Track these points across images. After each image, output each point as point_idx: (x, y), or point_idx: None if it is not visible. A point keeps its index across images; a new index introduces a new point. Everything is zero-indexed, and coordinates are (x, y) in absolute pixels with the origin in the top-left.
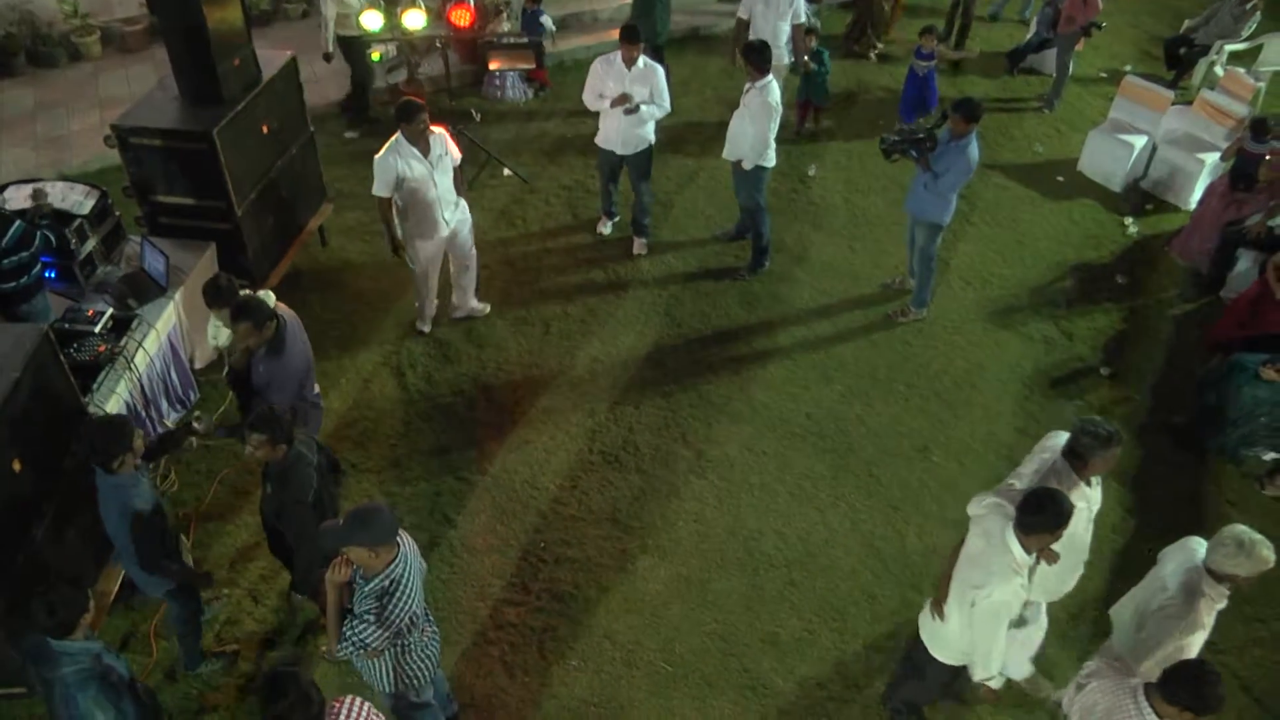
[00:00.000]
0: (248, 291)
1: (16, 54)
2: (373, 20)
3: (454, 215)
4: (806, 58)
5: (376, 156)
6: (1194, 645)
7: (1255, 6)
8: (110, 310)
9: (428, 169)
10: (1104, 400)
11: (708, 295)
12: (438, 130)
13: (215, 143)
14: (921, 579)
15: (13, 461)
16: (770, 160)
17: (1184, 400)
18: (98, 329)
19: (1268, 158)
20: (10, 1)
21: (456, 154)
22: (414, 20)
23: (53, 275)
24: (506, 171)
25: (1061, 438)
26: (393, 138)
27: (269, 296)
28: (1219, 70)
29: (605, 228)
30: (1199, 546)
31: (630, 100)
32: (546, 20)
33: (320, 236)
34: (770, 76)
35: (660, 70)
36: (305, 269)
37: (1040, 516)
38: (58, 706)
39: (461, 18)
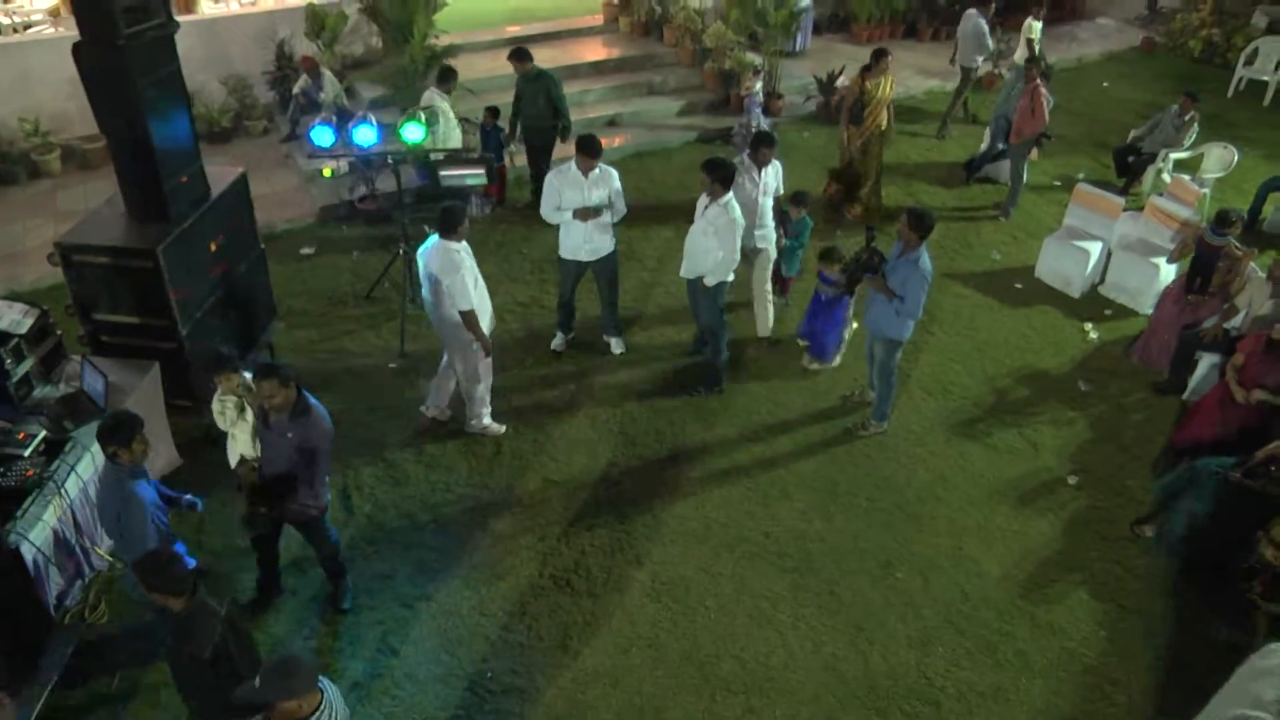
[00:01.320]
0: None
1: None
2: (323, 137)
3: None
4: (781, 230)
5: (456, 276)
6: None
7: (1193, 119)
8: (43, 433)
9: (473, 260)
10: (1073, 510)
11: (664, 413)
12: None
13: (159, 260)
14: (887, 703)
15: None
16: (731, 276)
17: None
18: (27, 452)
19: (1220, 264)
20: None
21: None
22: (364, 136)
23: None
24: None
25: None
26: (445, 250)
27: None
28: (1166, 178)
29: (559, 344)
30: None
31: (594, 211)
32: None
33: (270, 354)
34: (731, 194)
35: (615, 173)
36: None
37: None
38: None
39: (414, 134)
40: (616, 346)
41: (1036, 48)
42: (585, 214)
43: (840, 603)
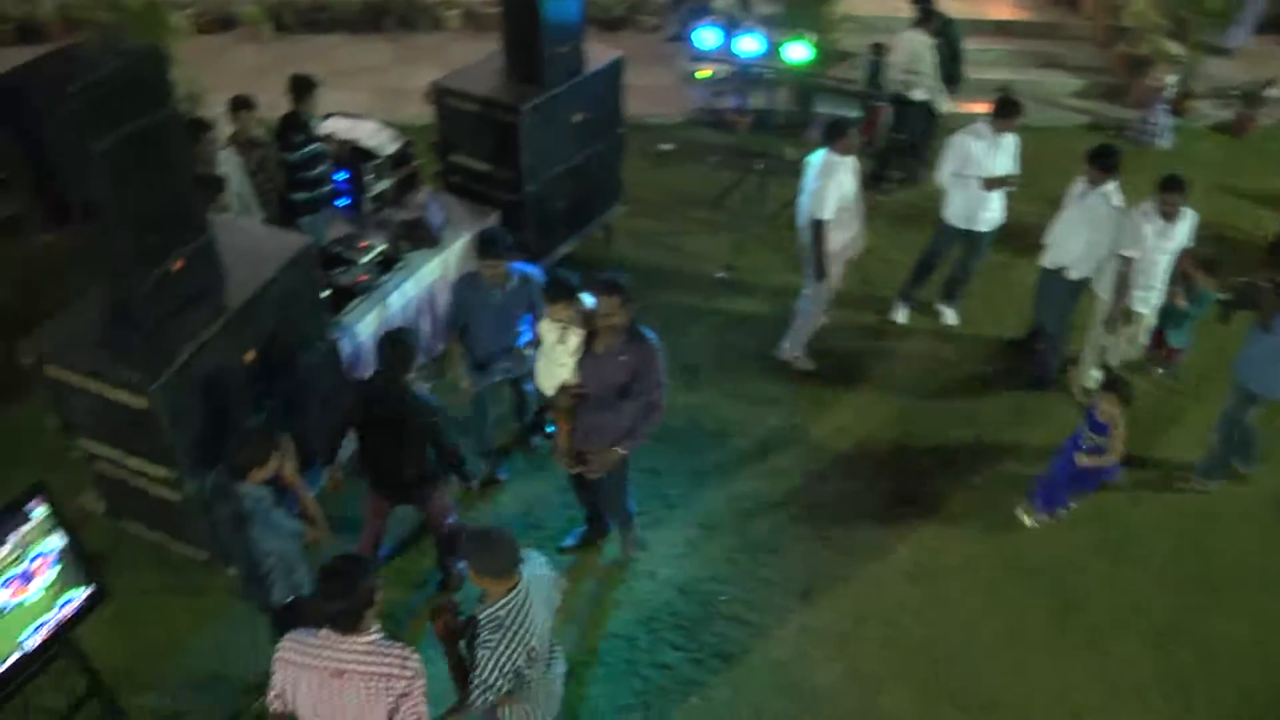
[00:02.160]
0: None
1: (389, 14)
2: (707, 39)
3: None
4: (1182, 290)
5: (822, 185)
6: None
7: None
8: (382, 247)
9: (852, 180)
10: None
11: (977, 397)
12: None
13: (521, 118)
14: None
15: (246, 352)
16: (1094, 271)
17: None
18: (364, 260)
19: None
20: None
21: None
22: (747, 45)
23: (344, 203)
24: None
25: None
26: (825, 159)
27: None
28: None
29: (901, 315)
30: None
31: (1002, 180)
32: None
33: (605, 234)
34: (1115, 183)
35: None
36: (580, 261)
37: None
38: (230, 538)
39: (797, 53)
40: (950, 317)
41: None
42: (995, 183)
43: (1103, 656)
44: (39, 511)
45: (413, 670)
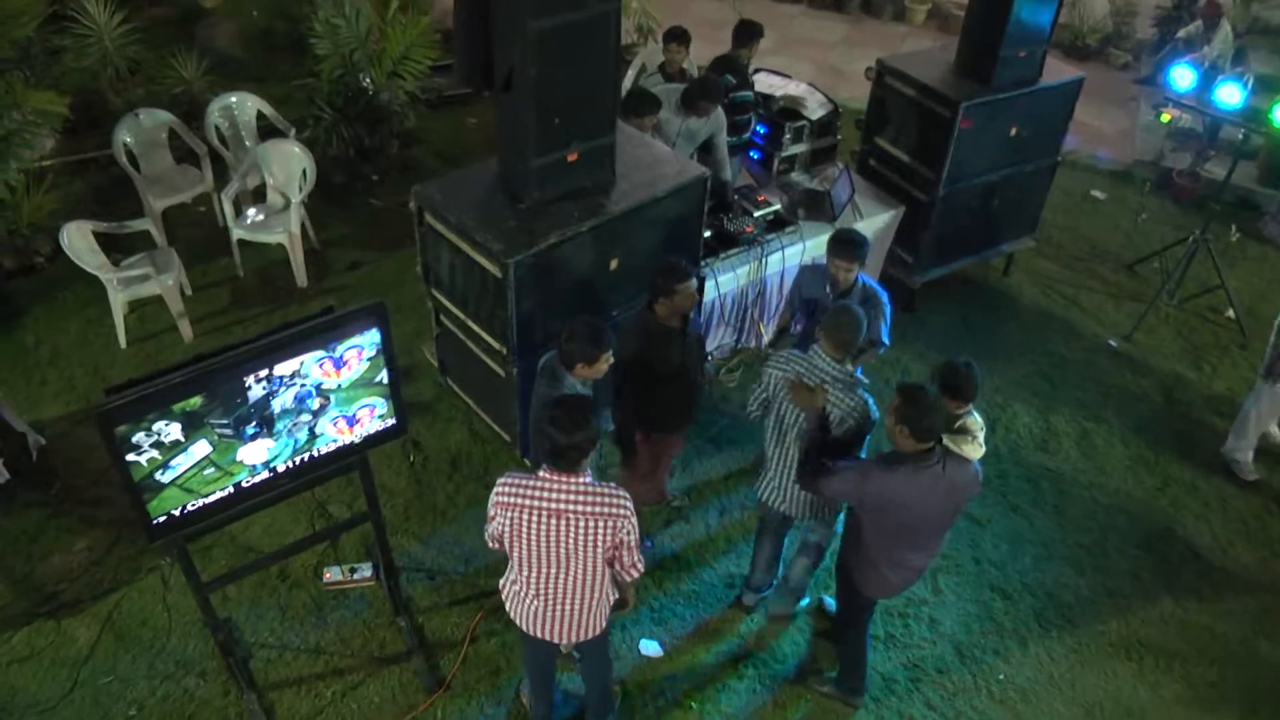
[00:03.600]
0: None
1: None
2: (1183, 78)
3: None
4: None
5: None
6: None
7: None
8: (778, 207)
9: None
10: None
11: None
12: None
13: (959, 113)
14: None
15: (613, 259)
16: None
17: None
18: (757, 214)
19: None
20: None
21: None
22: (1227, 95)
23: (755, 156)
24: (1230, 314)
25: None
26: None
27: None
28: None
29: None
30: None
31: None
32: None
33: (1005, 264)
34: None
35: None
36: (972, 283)
37: None
38: (536, 426)
39: None
40: None
41: None
42: None
43: None
44: (373, 334)
45: (630, 507)
